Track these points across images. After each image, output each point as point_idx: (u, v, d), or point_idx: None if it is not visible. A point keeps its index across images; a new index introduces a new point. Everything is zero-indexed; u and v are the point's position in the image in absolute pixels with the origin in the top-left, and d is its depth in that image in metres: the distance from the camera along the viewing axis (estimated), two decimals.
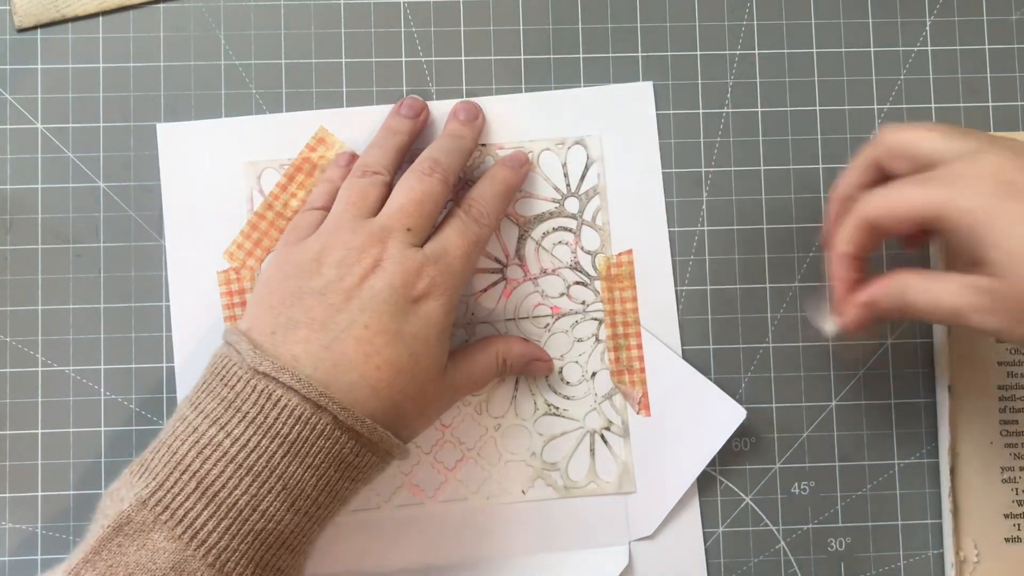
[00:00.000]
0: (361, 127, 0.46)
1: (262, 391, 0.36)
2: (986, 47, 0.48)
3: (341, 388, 0.37)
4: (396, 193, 0.41)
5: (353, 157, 0.45)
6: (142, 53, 0.46)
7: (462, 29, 0.47)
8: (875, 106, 0.47)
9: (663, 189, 0.47)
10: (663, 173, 0.47)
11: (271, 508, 0.36)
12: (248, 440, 0.36)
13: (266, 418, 0.36)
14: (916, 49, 0.48)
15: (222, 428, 0.36)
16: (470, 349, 0.43)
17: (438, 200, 0.41)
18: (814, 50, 0.47)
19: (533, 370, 0.45)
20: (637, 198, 0.46)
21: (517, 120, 0.46)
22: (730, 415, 0.45)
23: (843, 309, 0.39)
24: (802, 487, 0.47)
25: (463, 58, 0.47)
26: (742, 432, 0.46)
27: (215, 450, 0.36)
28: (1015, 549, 0.45)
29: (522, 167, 0.45)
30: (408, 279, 0.38)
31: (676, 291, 0.46)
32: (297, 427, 0.36)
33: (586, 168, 0.46)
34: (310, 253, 0.39)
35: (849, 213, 0.38)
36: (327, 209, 0.43)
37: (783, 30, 0.47)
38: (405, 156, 0.44)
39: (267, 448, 0.36)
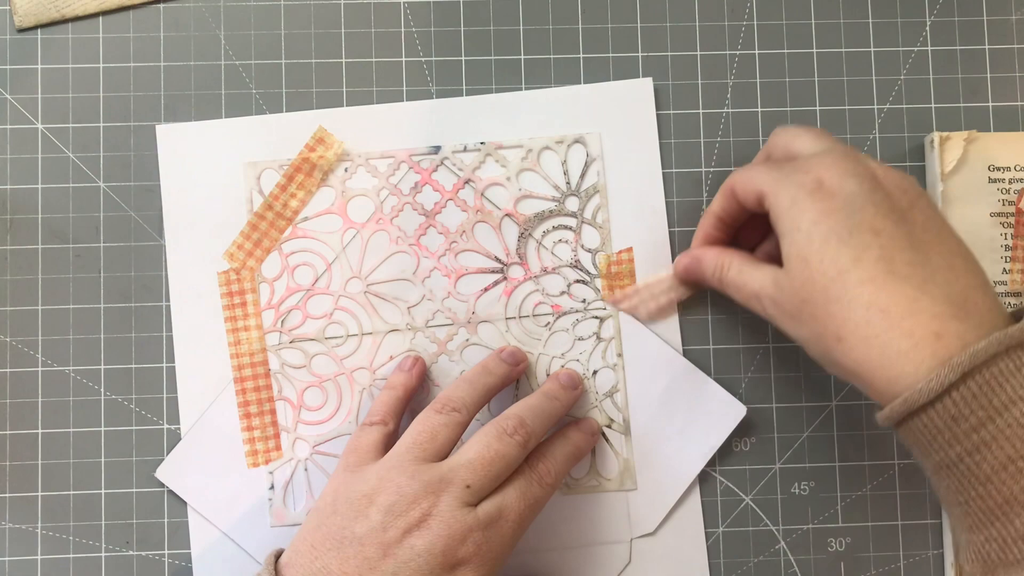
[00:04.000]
0: (361, 127, 0.46)
1: None
2: (986, 47, 0.48)
3: None
4: (470, 445, 0.39)
5: (415, 361, 0.45)
6: (142, 53, 0.46)
7: (462, 29, 0.47)
8: (875, 106, 0.47)
9: (663, 186, 0.47)
10: (663, 173, 0.47)
11: None
12: None
13: None
14: (916, 49, 0.48)
15: None
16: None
17: (510, 464, 0.39)
18: (814, 50, 0.47)
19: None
20: (637, 195, 0.46)
21: (517, 119, 0.46)
22: (731, 412, 0.45)
23: (681, 257, 0.44)
24: (802, 487, 0.47)
25: (463, 58, 0.47)
26: (742, 432, 0.46)
27: None
28: None
29: (594, 435, 0.45)
30: (450, 545, 0.37)
31: None
32: None
33: (586, 166, 0.46)
34: (364, 488, 0.38)
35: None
36: (385, 423, 0.42)
37: (783, 30, 0.48)
38: (493, 397, 0.43)
39: None
